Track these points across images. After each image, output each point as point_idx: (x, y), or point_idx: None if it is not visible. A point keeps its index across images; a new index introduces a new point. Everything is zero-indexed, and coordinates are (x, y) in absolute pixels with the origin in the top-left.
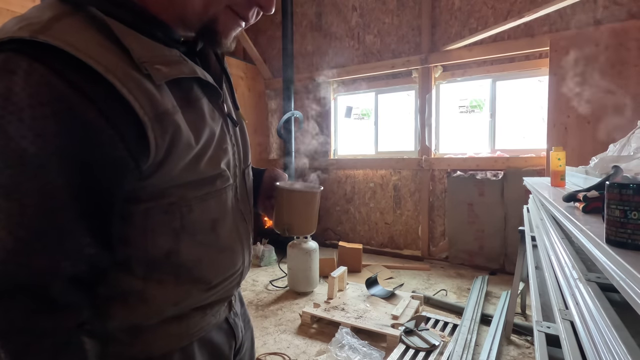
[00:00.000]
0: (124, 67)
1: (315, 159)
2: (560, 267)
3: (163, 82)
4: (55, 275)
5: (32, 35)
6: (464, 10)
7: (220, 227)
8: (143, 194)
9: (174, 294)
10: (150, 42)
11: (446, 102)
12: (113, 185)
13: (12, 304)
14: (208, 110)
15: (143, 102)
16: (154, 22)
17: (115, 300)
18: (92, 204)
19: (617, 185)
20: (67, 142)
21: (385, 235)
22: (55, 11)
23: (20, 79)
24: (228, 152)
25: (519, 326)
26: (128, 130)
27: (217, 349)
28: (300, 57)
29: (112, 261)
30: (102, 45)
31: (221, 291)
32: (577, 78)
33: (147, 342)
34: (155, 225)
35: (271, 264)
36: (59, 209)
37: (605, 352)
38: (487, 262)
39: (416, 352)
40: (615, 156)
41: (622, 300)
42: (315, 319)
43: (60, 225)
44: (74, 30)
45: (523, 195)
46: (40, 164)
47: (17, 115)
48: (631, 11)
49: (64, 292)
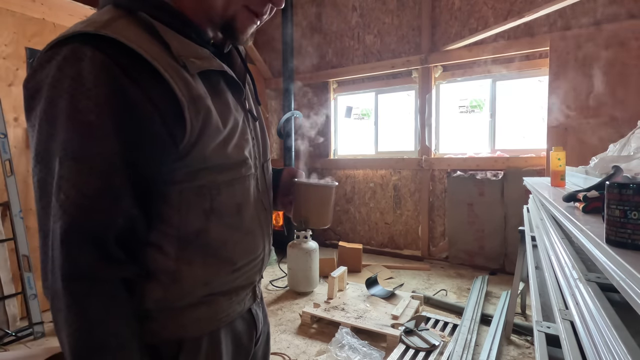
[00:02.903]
0: (165, 58)
1: (315, 159)
2: (560, 267)
3: (196, 73)
4: (112, 229)
5: (96, 30)
6: (464, 10)
7: (245, 211)
8: (178, 174)
9: (203, 273)
10: (186, 41)
11: (446, 102)
12: (155, 160)
13: (79, 252)
14: (232, 102)
15: (181, 86)
16: (189, 24)
17: (150, 279)
18: (139, 174)
19: (617, 185)
20: (121, 117)
21: (385, 235)
22: (113, 14)
23: (87, 65)
24: (249, 143)
25: (519, 326)
26: (168, 110)
27: (239, 337)
28: (301, 57)
29: (148, 240)
30: (149, 41)
31: (245, 275)
32: (577, 78)
33: (179, 324)
34: (188, 205)
35: (271, 264)
36: (116, 173)
37: (605, 352)
38: (487, 262)
39: (416, 352)
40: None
41: (622, 300)
42: (315, 319)
43: (117, 187)
44: (127, 28)
45: (523, 195)
46: (104, 134)
47: (85, 94)
48: (631, 11)
49: (116, 247)
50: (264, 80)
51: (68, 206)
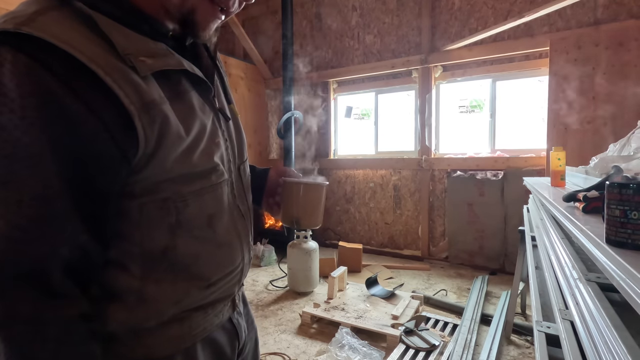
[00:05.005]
0: (108, 58)
1: (315, 159)
2: (560, 267)
3: (149, 74)
4: (54, 262)
5: (15, 27)
6: (464, 10)
7: (217, 222)
8: (137, 188)
9: (172, 292)
10: (135, 35)
11: (446, 102)
12: (104, 177)
13: (14, 293)
14: (198, 103)
15: (128, 92)
16: (140, 16)
17: (114, 301)
18: (84, 195)
19: (617, 185)
20: (55, 132)
21: (385, 235)
22: (41, 5)
23: (7, 70)
24: (220, 147)
25: (519, 326)
26: (113, 121)
27: (220, 349)
28: (301, 57)
29: (109, 258)
30: (86, 38)
31: (221, 289)
32: (577, 78)
33: (148, 345)
34: (150, 220)
35: (271, 264)
36: (55, 197)
37: (605, 352)
38: (487, 262)
39: (416, 352)
40: (615, 156)
41: (622, 300)
42: (315, 319)
43: (56, 212)
44: (58, 22)
45: (523, 195)
46: (35, 153)
47: (8, 106)
48: (631, 11)
49: (63, 281)
50: (264, 81)
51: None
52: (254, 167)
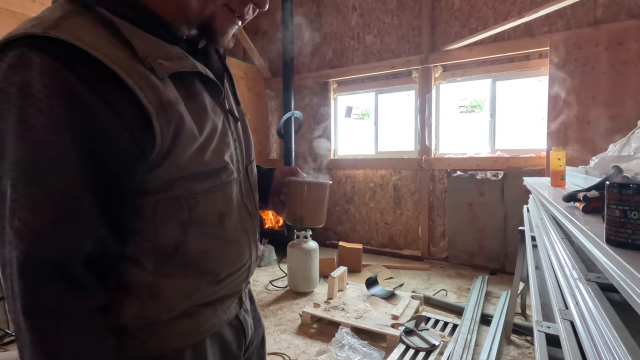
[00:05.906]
0: (129, 61)
1: (315, 158)
2: (560, 267)
3: (166, 76)
4: (78, 255)
5: (43, 31)
6: (464, 10)
7: (227, 220)
8: (151, 185)
9: (183, 287)
10: (152, 39)
11: (446, 102)
12: (123, 174)
13: (40, 284)
14: (210, 104)
15: (147, 92)
16: (157, 21)
17: (127, 294)
18: (105, 191)
19: (617, 185)
20: (79, 131)
21: (385, 235)
22: (65, 11)
23: (35, 72)
24: (230, 146)
25: (519, 326)
26: (134, 121)
27: (227, 345)
28: (300, 57)
29: (123, 254)
30: (108, 41)
31: (230, 285)
32: (577, 78)
33: (159, 339)
34: (163, 217)
35: (271, 264)
36: (79, 192)
37: (605, 352)
38: (487, 262)
39: (416, 352)
40: (615, 156)
41: (622, 300)
42: (315, 319)
43: (80, 207)
44: (82, 27)
45: (523, 195)
46: (60, 151)
47: (36, 106)
48: (631, 11)
49: (85, 274)
50: (264, 81)
51: (24, 233)
52: (260, 167)
